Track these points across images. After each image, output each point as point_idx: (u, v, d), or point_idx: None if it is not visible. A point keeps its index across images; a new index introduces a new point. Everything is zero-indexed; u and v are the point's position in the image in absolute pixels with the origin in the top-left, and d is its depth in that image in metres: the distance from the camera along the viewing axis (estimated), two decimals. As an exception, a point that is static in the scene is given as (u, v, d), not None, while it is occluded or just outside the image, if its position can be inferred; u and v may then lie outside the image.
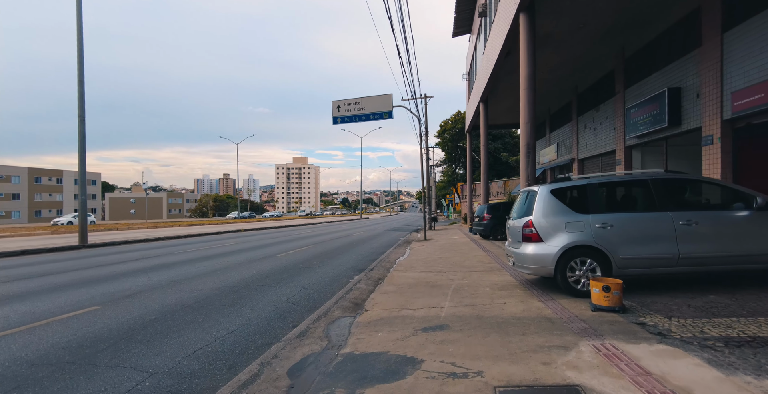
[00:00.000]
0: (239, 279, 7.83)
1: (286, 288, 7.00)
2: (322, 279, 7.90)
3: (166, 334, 4.47)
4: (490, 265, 8.68)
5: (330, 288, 7.08)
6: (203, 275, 8.35)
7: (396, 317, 4.86)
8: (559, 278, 5.11)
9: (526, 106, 9.00)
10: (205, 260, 10.78)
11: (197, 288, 6.97)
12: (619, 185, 5.47)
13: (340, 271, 8.91)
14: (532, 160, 8.91)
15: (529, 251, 5.31)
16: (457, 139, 48.15)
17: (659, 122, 9.71)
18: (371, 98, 18.79)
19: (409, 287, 6.69)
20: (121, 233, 23.65)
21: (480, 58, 18.31)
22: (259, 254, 12.07)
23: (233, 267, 9.36)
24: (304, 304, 5.94)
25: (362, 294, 6.55)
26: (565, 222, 5.15)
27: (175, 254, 12.33)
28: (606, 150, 13.90)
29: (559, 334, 3.78)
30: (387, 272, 8.75)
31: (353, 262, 10.36)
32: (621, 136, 12.52)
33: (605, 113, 13.89)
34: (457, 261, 9.49)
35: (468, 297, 5.63)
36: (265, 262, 10.24)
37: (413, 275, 7.89)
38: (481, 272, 7.73)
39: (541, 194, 5.38)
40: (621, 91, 12.44)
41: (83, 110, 13.22)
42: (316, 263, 9.98)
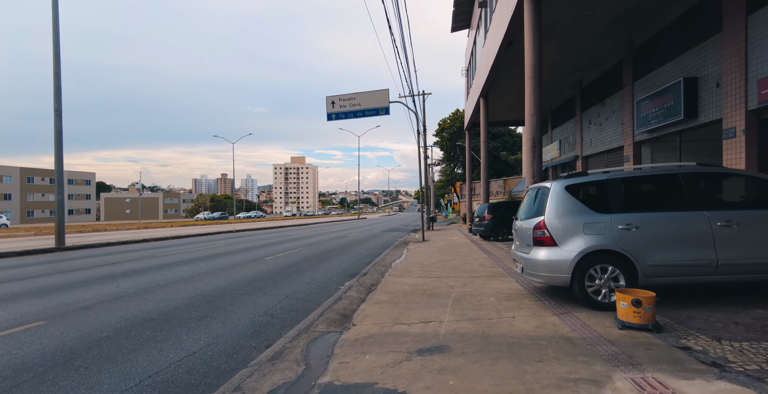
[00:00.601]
0: (217, 286, 7.12)
1: (267, 297, 6.29)
2: (309, 286, 7.19)
3: (112, 358, 3.75)
4: (493, 269, 7.99)
5: (316, 297, 6.37)
6: (179, 281, 7.63)
7: (388, 334, 4.16)
8: (576, 287, 4.42)
9: (531, 98, 8.31)
10: (186, 263, 10.05)
11: (168, 297, 6.25)
12: (644, 181, 4.76)
13: (330, 276, 8.21)
14: (538, 156, 8.23)
15: (541, 256, 4.61)
16: (455, 138, 47.49)
17: (673, 115, 9.05)
18: (367, 94, 18.10)
19: (404, 295, 6.00)
20: (108, 234, 22.89)
21: (480, 51, 17.63)
22: (245, 256, 11.35)
23: (214, 272, 8.64)
24: (285, 317, 5.23)
25: (352, 304, 5.85)
26: (583, 223, 4.46)
27: (156, 257, 11.59)
28: (613, 146, 13.24)
29: (584, 361, 3.08)
30: (381, 276, 8.06)
31: (345, 265, 9.65)
32: (629, 132, 11.86)
33: (612, 108, 13.23)
34: (457, 265, 8.80)
35: (471, 309, 4.93)
36: (250, 266, 9.52)
37: (409, 280, 7.19)
38: (484, 278, 7.03)
39: (555, 191, 4.69)
40: (629, 83, 11.77)
41: (60, 104, 12.47)
42: (305, 267, 9.27)
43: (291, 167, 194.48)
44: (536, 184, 5.34)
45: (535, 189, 5.33)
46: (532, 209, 5.14)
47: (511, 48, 12.64)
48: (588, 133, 15.41)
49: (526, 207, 5.43)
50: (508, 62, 13.96)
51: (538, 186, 5.23)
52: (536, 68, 8.24)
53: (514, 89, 18.06)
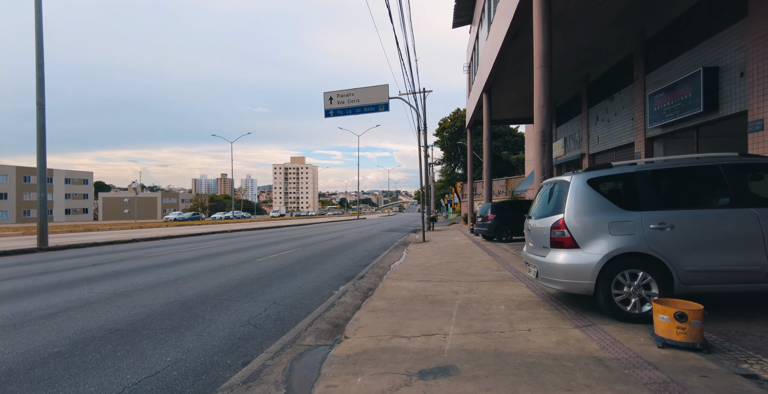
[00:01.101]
0: (200, 291, 6.53)
1: (253, 304, 5.71)
2: (301, 290, 6.61)
3: (54, 381, 3.17)
4: (499, 273, 7.41)
5: (307, 303, 5.80)
6: (159, 285, 7.04)
7: (384, 350, 3.58)
8: (601, 296, 3.84)
9: (541, 88, 7.74)
10: (171, 265, 9.46)
11: (142, 303, 5.67)
12: (679, 173, 4.16)
13: (324, 279, 7.63)
14: (548, 150, 7.65)
15: (560, 260, 4.03)
16: (456, 138, 46.90)
17: (691, 108, 8.47)
18: (365, 89, 17.53)
19: (403, 302, 5.42)
20: (98, 234, 22.31)
21: (482, 46, 17.06)
22: (236, 258, 10.76)
23: (200, 274, 8.06)
24: (269, 327, 4.65)
25: (346, 311, 5.28)
26: (609, 222, 3.88)
27: (142, 257, 11.01)
28: (622, 143, 12.65)
29: (625, 392, 2.50)
30: (379, 280, 7.49)
31: (341, 268, 9.07)
32: (641, 127, 11.28)
33: (621, 103, 12.65)
34: (460, 267, 8.22)
35: (479, 319, 4.35)
36: (239, 268, 8.94)
37: (409, 285, 6.61)
38: (491, 283, 6.45)
39: (576, 186, 4.11)
40: (640, 77, 11.20)
41: (43, 97, 11.89)
42: (298, 270, 8.69)
43: (291, 167, 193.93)
44: (552, 178, 4.76)
45: (551, 184, 4.75)
46: (548, 206, 4.56)
47: (516, 40, 12.07)
48: (595, 129, 14.83)
49: (541, 204, 4.85)
50: (513, 55, 13.39)
51: (554, 180, 4.65)
52: (546, 56, 7.67)
53: (518, 85, 17.50)
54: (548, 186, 4.85)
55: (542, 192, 5.04)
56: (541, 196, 5.04)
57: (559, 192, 4.36)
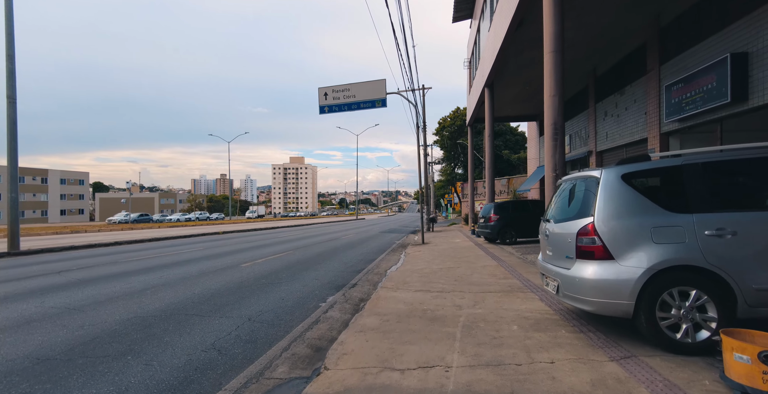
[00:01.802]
0: (168, 303, 5.75)
1: (225, 320, 4.93)
2: (283, 303, 5.84)
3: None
4: (507, 281, 6.63)
5: (287, 319, 5.02)
6: (124, 296, 6.26)
7: (371, 390, 2.82)
8: (643, 320, 3.06)
9: (552, 75, 6.97)
10: (146, 272, 8.68)
11: (94, 321, 4.88)
12: (741, 166, 3.34)
13: (311, 288, 6.86)
14: (560, 145, 6.88)
15: (590, 274, 3.26)
16: (456, 137, 46.09)
17: (717, 98, 7.71)
18: (362, 84, 16.78)
19: (398, 318, 4.64)
20: (83, 236, 21.52)
21: (484, 39, 16.30)
22: (219, 263, 9.98)
23: (174, 283, 7.28)
24: (237, 352, 3.87)
25: (331, 330, 4.51)
26: (652, 227, 3.11)
27: (117, 263, 10.22)
28: (634, 139, 11.88)
29: None
30: (373, 289, 6.73)
31: (333, 274, 8.30)
32: (655, 121, 10.51)
33: (633, 96, 11.88)
34: (463, 274, 7.44)
35: (488, 344, 3.58)
36: (219, 275, 8.16)
37: (406, 296, 5.83)
38: (499, 294, 5.67)
39: (608, 182, 3.34)
40: (655, 67, 10.43)
41: (14, 90, 11.10)
42: (284, 277, 7.92)
43: (290, 167, 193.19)
44: (575, 174, 3.98)
45: (573, 181, 3.98)
46: (570, 208, 3.79)
47: (520, 29, 11.31)
48: (603, 125, 14.07)
49: (560, 206, 4.08)
50: (517, 47, 12.63)
51: (577, 177, 3.88)
52: (557, 39, 6.90)
53: (521, 80, 16.73)
54: (568, 184, 4.07)
55: (561, 191, 4.26)
56: (559, 196, 4.27)
57: (585, 191, 3.59)
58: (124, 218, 48.84)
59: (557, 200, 4.30)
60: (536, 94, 18.79)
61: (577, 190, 3.80)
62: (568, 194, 4.01)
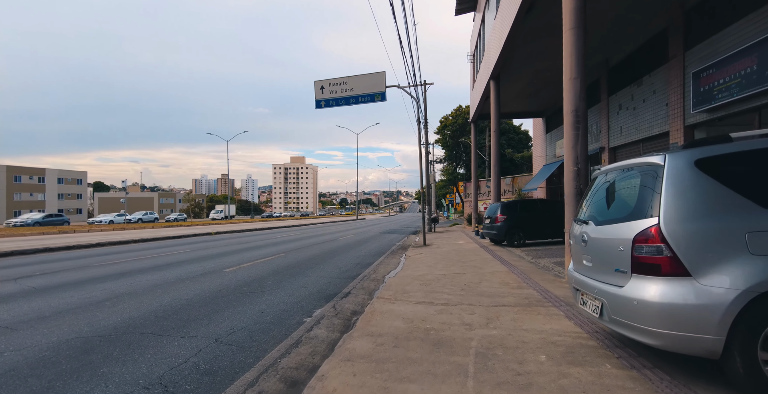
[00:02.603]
0: (125, 318, 4.90)
1: (186, 341, 4.08)
2: (261, 318, 4.98)
3: None
4: (522, 291, 5.75)
5: (262, 339, 4.17)
6: (75, 309, 5.40)
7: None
8: (738, 363, 2.19)
9: (572, 55, 6.10)
10: (115, 278, 7.83)
11: (25, 344, 4.03)
12: None
13: (298, 298, 6.00)
14: (582, 134, 6.02)
15: (654, 295, 2.38)
16: (457, 136, 45.20)
17: (757, 84, 6.83)
18: (360, 77, 15.92)
19: (395, 342, 3.79)
20: (68, 236, 20.68)
21: (489, 29, 15.42)
22: (203, 267, 9.12)
23: (142, 292, 6.42)
24: (188, 388, 3.02)
25: (313, 355, 3.67)
26: (747, 232, 2.24)
27: (89, 267, 9.36)
28: (652, 133, 11.00)
29: None
30: (369, 298, 5.88)
31: (324, 281, 7.44)
32: (678, 113, 9.62)
33: (652, 87, 10.99)
34: (470, 282, 6.57)
35: (512, 386, 2.71)
36: (197, 282, 7.30)
37: (405, 309, 4.97)
38: (515, 309, 4.80)
39: (677, 170, 2.47)
40: (678, 54, 9.54)
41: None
42: (269, 284, 7.06)
43: (291, 167, 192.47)
44: (622, 162, 3.09)
45: (618, 172, 3.10)
46: (617, 206, 2.93)
47: (530, 15, 10.44)
48: (617, 120, 13.18)
49: (601, 203, 3.21)
50: (525, 35, 11.77)
51: (624, 166, 3.00)
52: (578, 13, 6.03)
53: (527, 73, 15.86)
54: (611, 175, 3.20)
55: (599, 186, 3.39)
56: (596, 191, 3.39)
57: (640, 184, 2.71)
58: (23, 221, 36.75)
59: (593, 196, 3.42)
60: (543, 88, 17.92)
61: (625, 183, 2.93)
62: (610, 189, 3.14)
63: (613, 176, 3.16)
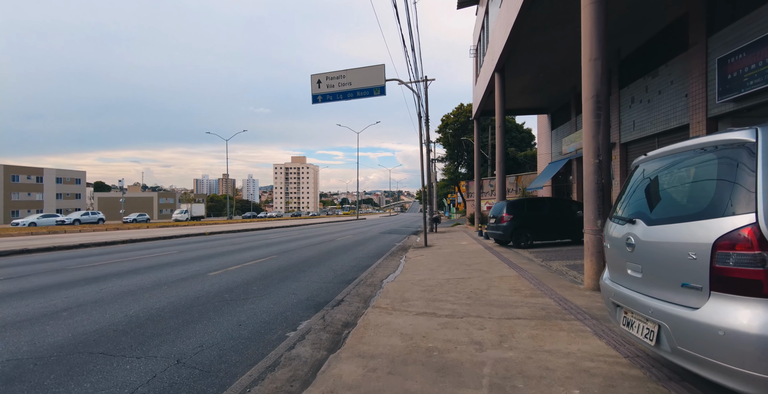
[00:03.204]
0: (78, 333, 4.23)
1: (142, 362, 3.41)
2: (238, 332, 4.30)
3: None
4: (536, 300, 5.06)
5: (234, 360, 3.50)
6: (24, 321, 4.73)
7: None
8: None
9: (593, 33, 5.40)
10: (86, 283, 7.17)
11: (-53, 367, 3.36)
12: None
13: (283, 307, 5.33)
14: (604, 122, 5.32)
15: (754, 325, 1.69)
16: (459, 134, 44.47)
17: (796, 67, 6.17)
18: (358, 70, 15.22)
19: (390, 366, 3.12)
20: (53, 237, 20.07)
21: (494, 20, 14.73)
22: (184, 271, 8.45)
23: (108, 300, 5.76)
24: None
25: (291, 382, 3.04)
26: None
27: (63, 270, 8.71)
28: (670, 126, 10.30)
29: None
30: (364, 306, 5.22)
31: (316, 286, 6.77)
32: (700, 104, 8.92)
33: (669, 77, 10.29)
34: (477, 289, 5.88)
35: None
36: (175, 288, 6.64)
37: (404, 322, 4.29)
38: (532, 322, 4.11)
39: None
40: (700, 40, 8.85)
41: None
42: (254, 291, 6.39)
43: (291, 167, 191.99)
44: (678, 144, 2.38)
45: (677, 155, 2.40)
46: (685, 197, 2.23)
47: (537, 2, 9.76)
48: (630, 113, 12.47)
49: (653, 195, 2.52)
50: (532, 22, 11.07)
51: (691, 146, 2.29)
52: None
53: (533, 66, 15.17)
54: (664, 162, 2.51)
55: (644, 175, 2.70)
56: (641, 182, 2.71)
57: (718, 169, 2.02)
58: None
59: (638, 189, 2.74)
60: (549, 83, 17.22)
61: (691, 169, 2.24)
62: (666, 179, 2.45)
63: (667, 162, 2.47)
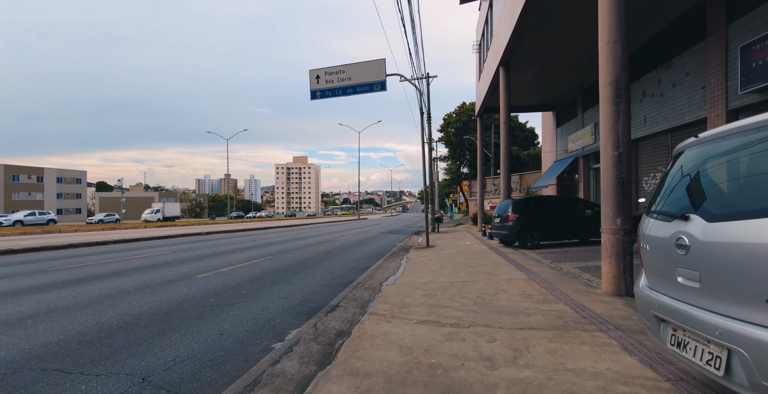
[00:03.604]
0: (38, 344, 3.78)
1: (100, 381, 2.96)
2: (218, 343, 3.85)
3: None
4: (550, 306, 4.58)
5: (209, 378, 3.06)
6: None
7: None
8: None
9: (612, 11, 4.92)
10: (63, 286, 6.72)
11: None
12: None
13: (272, 314, 4.87)
14: (624, 110, 4.84)
15: None
16: (461, 134, 43.91)
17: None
18: (358, 65, 14.75)
19: (387, 389, 2.67)
20: (50, 237, 19.69)
21: (498, 11, 14.25)
22: (171, 273, 8.00)
23: (81, 305, 5.31)
24: None
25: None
26: None
27: (44, 272, 8.28)
28: (685, 121, 9.79)
29: None
30: (360, 313, 4.77)
31: (310, 290, 6.31)
32: (719, 96, 8.42)
33: (684, 69, 9.78)
34: (484, 293, 5.41)
35: None
36: (159, 291, 6.19)
37: (404, 332, 3.82)
38: (549, 333, 3.63)
39: None
40: (719, 29, 8.34)
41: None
42: (243, 295, 5.93)
43: (293, 167, 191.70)
44: (755, 118, 1.89)
45: (746, 134, 1.91)
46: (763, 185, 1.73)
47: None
48: (640, 108, 11.96)
49: (711, 186, 2.04)
50: (538, 13, 10.58)
51: (759, 122, 1.81)
52: (622, -38, 4.85)
53: (538, 61, 14.68)
54: (726, 143, 2.02)
55: (696, 162, 2.22)
56: (690, 171, 2.23)
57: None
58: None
59: (684, 179, 2.26)
60: (555, 78, 16.72)
61: (764, 152, 1.75)
62: (731, 165, 1.97)
63: (730, 144, 1.99)
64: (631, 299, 4.69)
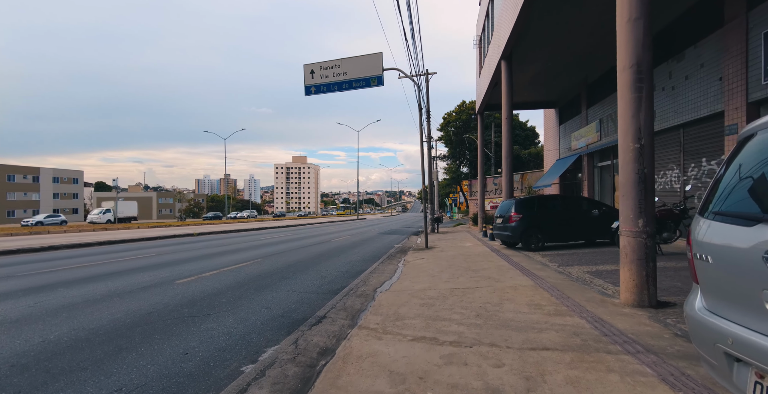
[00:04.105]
0: (-36, 369, 3.21)
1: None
2: (179, 365, 3.28)
3: None
4: (562, 319, 4.01)
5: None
6: None
7: None
8: None
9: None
10: (23, 294, 6.15)
11: None
12: None
13: (249, 327, 4.31)
14: (647, 97, 4.28)
15: None
16: (461, 133, 43.36)
17: None
18: (354, 59, 14.21)
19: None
20: (37, 238, 19.12)
21: (499, 5, 13.68)
22: (150, 277, 7.43)
23: (36, 318, 4.74)
24: None
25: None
26: None
27: (11, 277, 7.69)
28: (699, 115, 9.23)
29: None
30: (350, 326, 4.22)
31: (297, 297, 5.75)
32: (739, 88, 7.86)
33: (698, 60, 9.23)
34: (487, 302, 4.84)
35: None
36: (130, 299, 5.62)
37: (396, 352, 3.25)
38: (566, 355, 3.06)
39: None
40: (739, 15, 7.79)
41: None
42: (221, 303, 5.36)
43: (293, 167, 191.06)
44: None
45: None
46: None
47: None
48: (650, 103, 11.39)
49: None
50: (541, 4, 10.03)
51: None
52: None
53: (541, 55, 14.12)
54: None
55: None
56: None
57: None
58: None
59: (758, 170, 1.69)
60: (558, 74, 16.17)
61: None
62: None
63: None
64: (655, 312, 4.13)
